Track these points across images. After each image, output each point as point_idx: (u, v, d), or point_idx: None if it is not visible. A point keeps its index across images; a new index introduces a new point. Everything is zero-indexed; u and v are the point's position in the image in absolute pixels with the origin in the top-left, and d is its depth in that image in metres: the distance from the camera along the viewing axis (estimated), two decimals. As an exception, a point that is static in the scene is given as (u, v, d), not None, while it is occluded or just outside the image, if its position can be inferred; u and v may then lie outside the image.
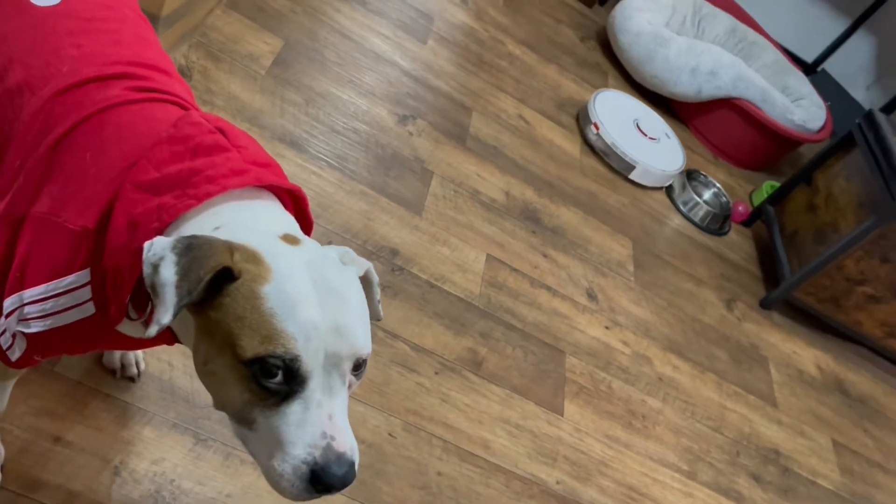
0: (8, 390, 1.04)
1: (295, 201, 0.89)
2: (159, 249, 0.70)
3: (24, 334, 0.82)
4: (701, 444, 1.85)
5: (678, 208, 2.58)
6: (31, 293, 0.79)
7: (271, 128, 1.84)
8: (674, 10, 3.00)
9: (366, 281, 0.83)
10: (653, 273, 2.25)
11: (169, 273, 0.68)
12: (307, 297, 0.72)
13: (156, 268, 0.69)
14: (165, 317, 0.68)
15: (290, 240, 0.78)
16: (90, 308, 0.80)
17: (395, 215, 1.86)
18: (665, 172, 2.54)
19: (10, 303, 0.81)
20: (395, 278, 1.72)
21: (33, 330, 0.81)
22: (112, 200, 0.78)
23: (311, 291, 0.72)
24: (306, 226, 0.89)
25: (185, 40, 1.85)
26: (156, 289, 0.69)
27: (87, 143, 0.82)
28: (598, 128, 2.52)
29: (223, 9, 2.02)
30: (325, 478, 0.70)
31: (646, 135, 2.62)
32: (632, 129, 2.61)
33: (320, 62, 2.10)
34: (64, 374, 1.22)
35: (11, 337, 0.82)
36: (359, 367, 0.76)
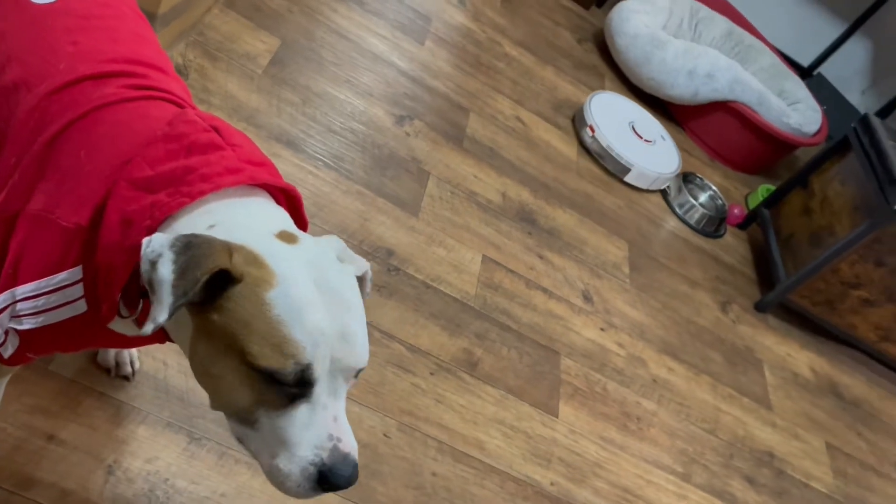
0: (1, 388, 1.04)
1: (289, 200, 0.89)
2: (157, 246, 0.70)
3: (16, 331, 0.81)
4: (695, 447, 1.86)
5: (674, 211, 2.58)
6: (23, 290, 0.79)
7: (268, 127, 1.84)
8: (671, 13, 3.00)
9: (360, 280, 0.84)
10: (648, 275, 2.25)
11: (166, 271, 0.68)
12: (313, 302, 0.72)
13: (153, 264, 0.69)
14: (161, 315, 0.68)
15: (286, 237, 0.77)
16: (82, 305, 0.79)
17: (391, 216, 1.86)
18: (661, 175, 2.54)
19: (2, 299, 0.80)
20: (390, 279, 1.72)
21: (25, 327, 0.81)
22: (106, 198, 0.77)
23: (316, 295, 0.73)
24: (301, 225, 0.89)
25: (182, 38, 1.85)
26: (153, 286, 0.69)
27: (82, 141, 0.82)
28: (593, 130, 2.52)
29: (220, 7, 2.02)
30: (332, 478, 0.72)
31: (641, 137, 2.62)
32: (628, 132, 2.61)
33: (317, 62, 2.10)
34: (58, 373, 1.22)
35: (4, 334, 0.82)
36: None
